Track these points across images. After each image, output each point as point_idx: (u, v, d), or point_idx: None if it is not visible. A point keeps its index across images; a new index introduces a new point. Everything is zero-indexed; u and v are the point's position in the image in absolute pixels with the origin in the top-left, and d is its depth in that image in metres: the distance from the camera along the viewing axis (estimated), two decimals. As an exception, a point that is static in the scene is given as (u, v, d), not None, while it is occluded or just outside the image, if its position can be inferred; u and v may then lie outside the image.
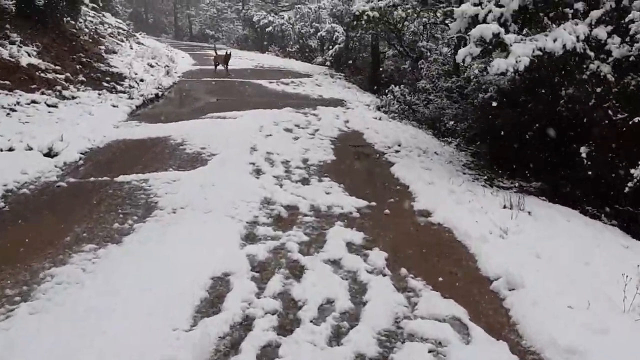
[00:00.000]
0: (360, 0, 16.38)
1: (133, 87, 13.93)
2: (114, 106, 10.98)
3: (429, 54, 16.60)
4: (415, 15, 16.77)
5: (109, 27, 22.37)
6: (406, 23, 16.91)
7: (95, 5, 24.91)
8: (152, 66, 18.11)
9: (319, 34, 27.81)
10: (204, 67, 21.63)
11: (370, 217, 5.76)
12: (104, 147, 8.10)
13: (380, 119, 11.74)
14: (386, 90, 15.19)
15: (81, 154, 7.50)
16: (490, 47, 6.89)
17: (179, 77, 17.67)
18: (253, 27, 35.93)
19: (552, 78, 8.16)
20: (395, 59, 19.68)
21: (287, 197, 6.14)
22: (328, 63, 25.88)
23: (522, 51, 6.74)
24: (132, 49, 21.13)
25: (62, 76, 11.66)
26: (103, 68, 14.68)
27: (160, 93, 13.81)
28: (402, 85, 15.13)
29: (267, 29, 33.17)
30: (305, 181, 6.97)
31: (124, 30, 25.27)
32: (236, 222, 5.27)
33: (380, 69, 20.67)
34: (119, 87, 13.24)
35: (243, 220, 5.35)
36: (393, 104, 13.53)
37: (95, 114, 9.86)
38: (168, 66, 18.97)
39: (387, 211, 5.97)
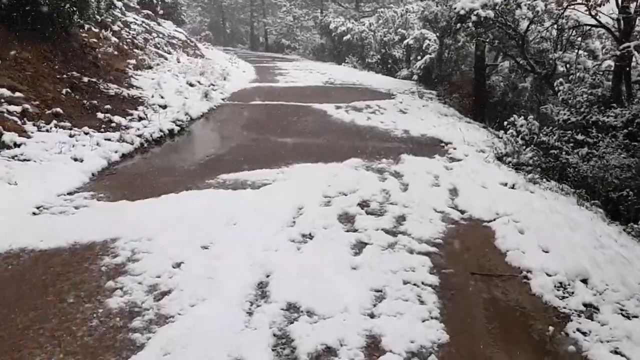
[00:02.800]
0: (466, -5, 11.49)
1: (144, 118, 9.86)
2: (76, 160, 6.80)
3: (566, 69, 11.33)
4: (547, 15, 11.59)
5: (158, 36, 18.76)
6: (532, 26, 11.74)
7: (148, 12, 21.57)
8: (192, 85, 14.08)
9: (405, 42, 22.92)
10: (263, 85, 17.42)
11: None
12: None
13: (513, 186, 6.74)
14: (505, 123, 10.19)
15: None
16: None
17: (223, 99, 13.52)
18: (330, 35, 31.60)
19: None
20: (510, 74, 14.44)
21: None
22: (415, 77, 20.92)
23: None
24: (178, 62, 17.36)
25: (18, 108, 7.69)
26: (113, 91, 10.72)
27: (178, 128, 9.60)
28: (530, 117, 10.05)
29: (344, 38, 28.68)
30: None
31: (179, 40, 21.72)
32: None
33: (487, 87, 15.51)
34: (119, 121, 9.19)
35: None
36: (523, 150, 8.49)
37: (21, 183, 5.69)
38: (214, 85, 14.91)
39: None
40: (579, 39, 11.54)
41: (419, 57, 21.58)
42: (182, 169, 7.07)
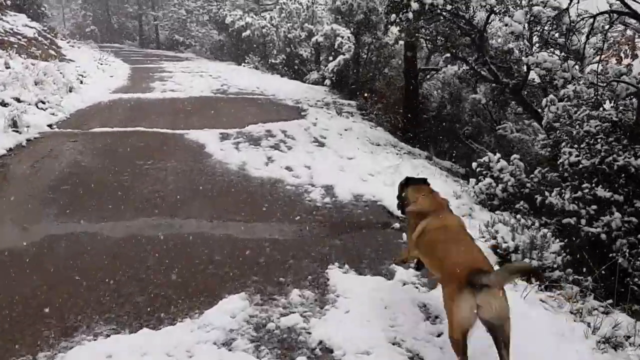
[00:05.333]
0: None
1: None
2: None
3: (549, 78, 7.81)
4: (512, 3, 8.08)
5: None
6: (494, 18, 8.17)
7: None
8: (5, 105, 9.19)
9: (313, 39, 18.96)
10: (128, 96, 12.69)
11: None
12: None
13: None
14: (474, 165, 6.56)
15: None
16: None
17: (50, 125, 8.84)
18: (227, 31, 27.01)
19: None
20: (456, 82, 10.86)
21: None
22: (328, 82, 17.00)
23: None
24: (7, 67, 12.23)
25: None
26: None
27: None
28: (515, 157, 6.45)
29: (243, 34, 24.25)
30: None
31: (24, 38, 16.32)
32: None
33: (420, 98, 11.92)
34: None
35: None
36: (545, 241, 4.71)
37: None
38: (44, 101, 10.03)
39: None
40: (557, 34, 8.06)
41: (330, 58, 17.71)
42: None
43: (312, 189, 5.93)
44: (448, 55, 9.94)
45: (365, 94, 13.97)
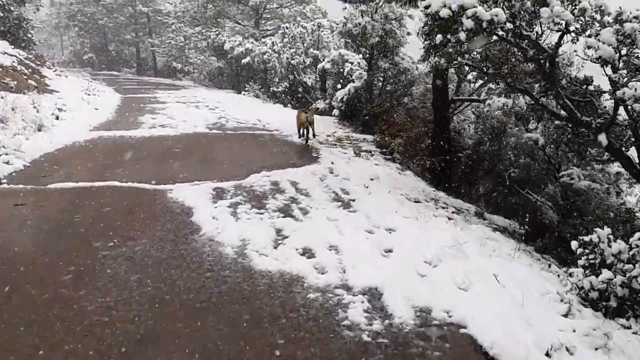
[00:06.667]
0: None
1: None
2: None
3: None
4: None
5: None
6: (566, 39, 6.20)
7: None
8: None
9: (319, 65, 17.04)
10: (109, 134, 10.66)
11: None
12: None
13: None
14: (576, 247, 4.46)
15: None
16: None
17: (-2, 179, 6.84)
18: (226, 58, 25.19)
19: None
20: (508, 117, 8.85)
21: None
22: (337, 112, 15.06)
23: None
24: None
25: None
26: None
27: None
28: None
29: (243, 61, 22.39)
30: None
31: (2, 65, 14.40)
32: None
33: (451, 133, 9.93)
34: None
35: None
36: None
37: None
38: (-2, 146, 8.05)
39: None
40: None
41: (339, 86, 15.78)
42: None
43: (348, 297, 3.84)
44: (492, 84, 7.98)
45: (383, 127, 11.95)
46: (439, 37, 6.09)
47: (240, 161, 8.47)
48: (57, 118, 11.67)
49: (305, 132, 10.37)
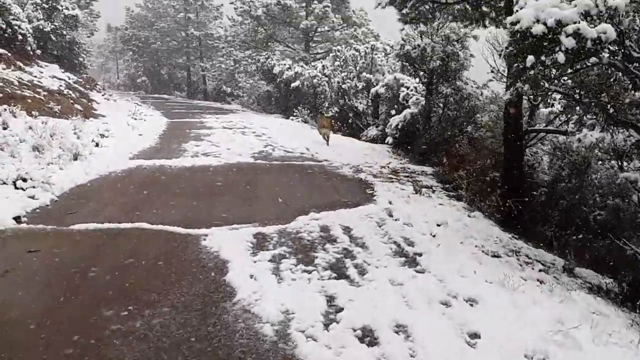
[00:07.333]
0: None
1: None
2: None
3: None
4: None
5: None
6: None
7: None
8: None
9: (372, 90, 16.12)
10: (150, 163, 10.01)
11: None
12: None
13: None
14: None
15: None
16: None
17: (19, 217, 6.13)
18: (275, 81, 24.68)
19: None
20: (602, 153, 7.57)
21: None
22: (390, 140, 14.03)
23: None
24: (5, 129, 9.86)
25: None
26: None
27: None
28: None
29: (292, 85, 21.76)
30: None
31: (45, 91, 14.19)
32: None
33: (525, 168, 8.70)
34: None
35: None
36: None
37: None
38: (25, 178, 7.38)
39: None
40: None
41: (393, 112, 14.78)
42: None
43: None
44: (587, 115, 6.76)
45: (443, 159, 10.82)
46: (530, 59, 4.98)
47: (286, 198, 7.54)
48: (97, 145, 11.13)
49: (326, 139, 13.05)
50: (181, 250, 5.19)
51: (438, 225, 6.39)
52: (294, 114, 20.79)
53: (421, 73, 12.53)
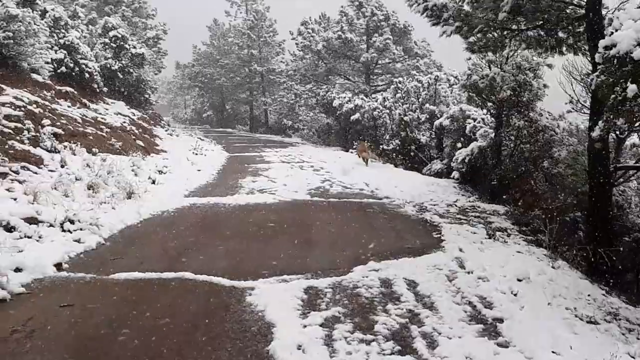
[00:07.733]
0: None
1: None
2: None
3: None
4: None
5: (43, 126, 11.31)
6: None
7: (65, 89, 14.40)
8: (10, 230, 6.36)
9: (436, 122, 15.32)
10: (204, 201, 9.68)
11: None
12: None
13: None
14: None
15: None
16: None
17: (60, 264, 5.77)
18: (334, 114, 24.34)
19: None
20: None
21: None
22: (456, 175, 13.11)
23: None
24: (63, 167, 9.85)
25: None
26: None
27: None
28: None
29: (352, 117, 21.29)
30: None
31: (109, 128, 14.40)
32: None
33: (613, 210, 7.60)
34: None
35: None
36: None
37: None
38: (72, 220, 7.09)
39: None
40: None
41: (458, 145, 13.89)
42: None
43: None
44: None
45: (518, 197, 9.82)
46: (631, 89, 4.13)
47: (343, 243, 6.87)
48: (154, 182, 10.98)
49: (365, 161, 15.40)
50: (223, 309, 4.60)
51: (519, 280, 5.48)
52: (354, 146, 20.21)
53: (489, 104, 11.65)
